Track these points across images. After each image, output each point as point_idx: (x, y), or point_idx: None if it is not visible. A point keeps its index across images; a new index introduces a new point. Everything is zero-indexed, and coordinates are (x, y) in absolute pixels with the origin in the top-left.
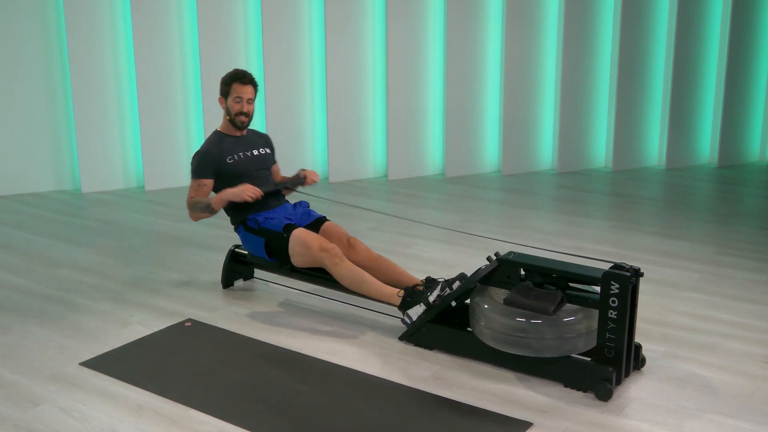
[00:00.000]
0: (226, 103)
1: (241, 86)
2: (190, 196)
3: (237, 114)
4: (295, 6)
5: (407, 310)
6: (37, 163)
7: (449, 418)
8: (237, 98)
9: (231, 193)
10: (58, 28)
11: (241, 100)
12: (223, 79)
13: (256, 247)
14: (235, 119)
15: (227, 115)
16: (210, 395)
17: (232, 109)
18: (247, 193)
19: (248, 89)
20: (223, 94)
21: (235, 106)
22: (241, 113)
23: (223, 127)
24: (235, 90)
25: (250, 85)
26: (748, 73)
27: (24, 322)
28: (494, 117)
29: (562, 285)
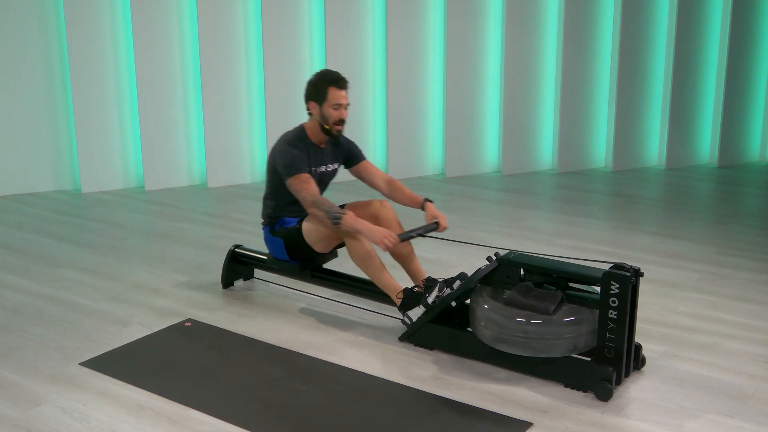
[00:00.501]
0: (321, 110)
1: (338, 91)
2: (307, 192)
3: (336, 122)
4: (295, 6)
5: (407, 311)
6: (37, 163)
7: (449, 418)
8: (336, 105)
9: (368, 229)
10: (58, 28)
11: (339, 107)
12: (313, 82)
13: (277, 249)
14: (333, 128)
15: (324, 123)
16: (210, 395)
17: (330, 117)
18: (387, 240)
19: (345, 94)
20: (316, 99)
21: (334, 114)
22: (341, 121)
23: (311, 131)
24: (333, 96)
25: (346, 89)
26: (748, 73)
27: (24, 322)
28: (494, 117)
29: (562, 285)
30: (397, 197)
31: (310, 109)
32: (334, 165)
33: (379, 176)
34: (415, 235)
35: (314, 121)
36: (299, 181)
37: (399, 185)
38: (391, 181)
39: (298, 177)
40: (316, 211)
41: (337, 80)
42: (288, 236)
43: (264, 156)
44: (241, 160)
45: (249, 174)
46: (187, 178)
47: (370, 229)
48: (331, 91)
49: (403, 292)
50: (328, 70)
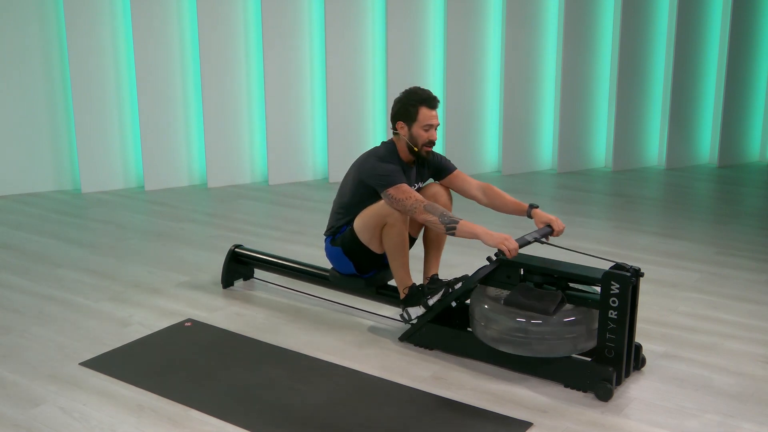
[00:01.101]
0: (410, 131)
1: (429, 111)
2: (414, 199)
3: (426, 144)
4: (295, 6)
5: (408, 307)
6: (37, 163)
7: (449, 418)
8: (426, 126)
9: (487, 235)
10: (58, 28)
11: (430, 128)
12: (403, 101)
13: (340, 261)
14: (422, 150)
15: (412, 145)
16: (210, 395)
17: (420, 139)
18: (506, 245)
19: (436, 114)
20: (405, 119)
21: (424, 135)
22: (430, 143)
23: (401, 149)
24: (424, 117)
25: (436, 109)
26: (748, 73)
27: (24, 322)
28: (494, 117)
29: (562, 285)
30: (498, 205)
31: (397, 129)
32: (418, 184)
33: (473, 185)
34: (532, 240)
35: (402, 141)
36: (401, 191)
37: (498, 192)
38: (487, 188)
39: (399, 187)
40: (429, 216)
41: (429, 99)
42: (344, 242)
43: (264, 156)
44: (241, 160)
45: (249, 174)
46: (187, 178)
47: (489, 234)
48: (422, 112)
49: (409, 288)
50: (419, 88)
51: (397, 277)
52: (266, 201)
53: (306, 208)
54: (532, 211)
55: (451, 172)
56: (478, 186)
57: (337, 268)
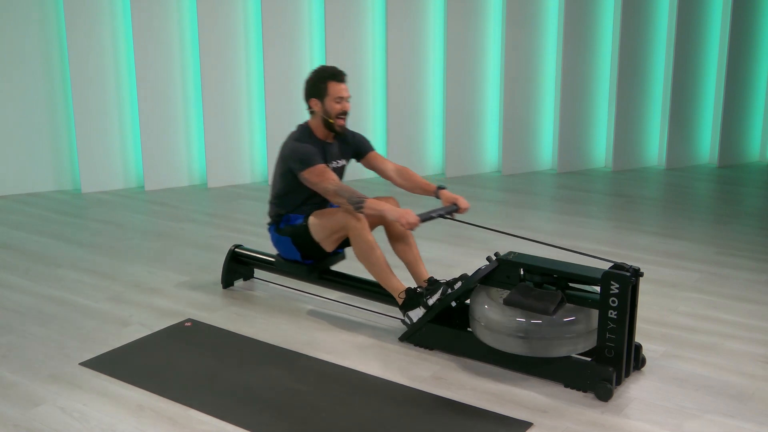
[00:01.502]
0: (323, 105)
1: (338, 84)
2: (327, 181)
3: (339, 115)
4: (295, 6)
5: (408, 311)
6: (37, 163)
7: (449, 418)
8: (338, 98)
9: (391, 211)
10: (58, 28)
11: (341, 100)
12: (312, 79)
13: (287, 249)
14: (335, 122)
15: (327, 117)
16: (210, 395)
17: (333, 111)
18: (406, 219)
19: (345, 87)
20: (317, 95)
21: (336, 107)
22: (344, 113)
23: (315, 128)
24: (334, 89)
25: (345, 82)
26: (748, 73)
27: (24, 322)
28: (494, 117)
29: (562, 285)
30: (409, 186)
31: (311, 107)
32: (343, 161)
33: (389, 166)
34: (436, 215)
35: (317, 117)
36: (316, 173)
37: (410, 174)
38: (401, 170)
39: (314, 169)
40: (339, 199)
41: (336, 74)
42: (295, 233)
43: (264, 156)
44: (241, 160)
45: (249, 174)
46: (187, 178)
47: (391, 209)
48: (331, 85)
49: (405, 293)
50: (325, 66)
51: (385, 285)
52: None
53: None
54: (440, 192)
55: (368, 153)
56: (393, 168)
57: (282, 254)
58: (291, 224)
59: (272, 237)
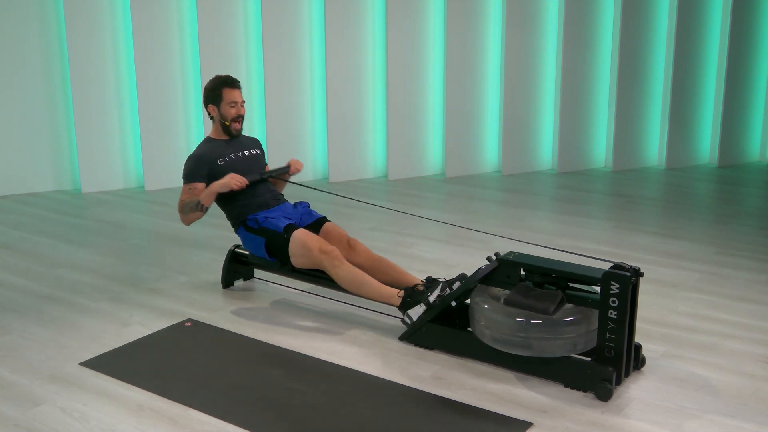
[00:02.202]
0: (219, 111)
1: (231, 90)
2: (181, 200)
3: (234, 119)
4: (295, 6)
5: (407, 310)
6: (37, 163)
7: (449, 418)
8: (232, 103)
9: (218, 184)
10: (58, 28)
11: (236, 105)
12: (208, 87)
13: (257, 247)
14: (231, 125)
15: (224, 122)
16: (210, 395)
17: (228, 115)
18: (233, 182)
19: (238, 93)
20: (213, 101)
21: (231, 111)
22: (239, 117)
23: (213, 133)
24: (227, 95)
25: (238, 88)
26: (748, 73)
27: (24, 322)
28: (494, 117)
29: (562, 285)
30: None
31: (210, 113)
32: (256, 150)
33: None
34: (267, 176)
35: (217, 122)
36: (185, 189)
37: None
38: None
39: (186, 185)
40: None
41: (230, 81)
42: (273, 240)
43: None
44: None
45: None
46: None
47: (219, 182)
48: (225, 92)
49: (404, 291)
50: (220, 74)
51: (381, 297)
52: None
53: None
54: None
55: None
56: None
57: (252, 251)
58: (266, 226)
59: (241, 236)
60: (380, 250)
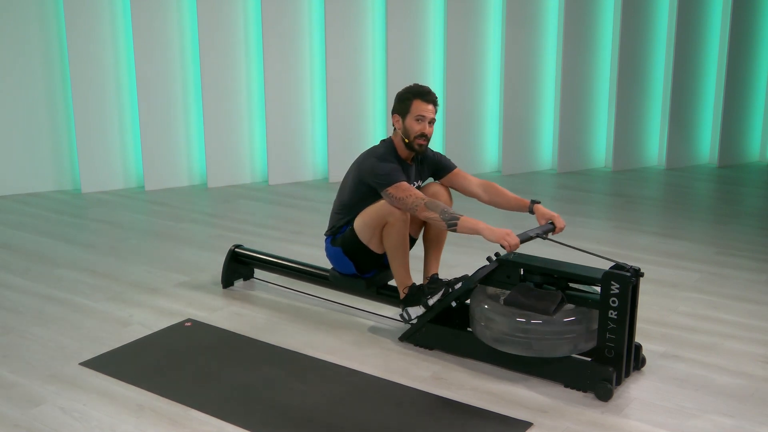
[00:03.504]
0: (404, 123)
1: (423, 104)
2: (415, 196)
3: (417, 136)
4: (295, 6)
5: (408, 307)
6: (37, 163)
7: (449, 418)
8: (419, 117)
9: (489, 230)
10: (58, 28)
11: (423, 120)
12: (400, 94)
13: (340, 261)
14: (413, 142)
15: (404, 137)
16: (210, 395)
17: (412, 131)
18: (508, 243)
19: (431, 108)
20: (400, 112)
21: (416, 127)
22: (422, 135)
23: (398, 145)
24: (417, 108)
25: (432, 103)
26: (748, 73)
27: (24, 322)
28: (494, 117)
29: (562, 285)
30: (499, 202)
31: (394, 123)
32: (418, 182)
33: (474, 182)
34: (534, 236)
35: (399, 136)
36: (401, 189)
37: (499, 189)
38: (488, 185)
39: (398, 186)
40: (430, 213)
41: (425, 93)
42: (344, 242)
43: (264, 156)
44: (241, 160)
45: (249, 174)
46: (187, 178)
47: (490, 229)
48: (415, 104)
49: (409, 288)
50: (418, 84)
51: (397, 277)
52: (266, 201)
53: (306, 208)
54: (534, 206)
55: (451, 170)
56: (479, 183)
57: (338, 268)
58: (341, 233)
59: (327, 249)
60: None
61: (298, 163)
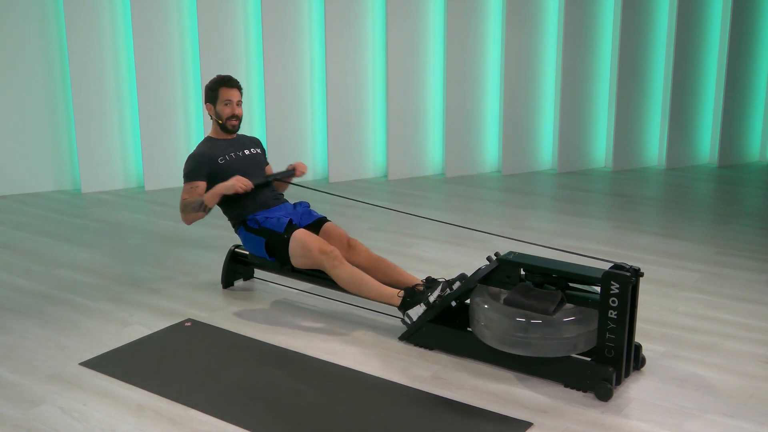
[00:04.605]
0: (215, 109)
1: (228, 90)
2: (183, 199)
3: (228, 118)
4: (295, 6)
5: (407, 310)
6: (37, 163)
7: (449, 418)
8: (226, 102)
9: (223, 186)
10: (58, 28)
11: (230, 103)
12: (207, 85)
13: (257, 247)
14: (226, 123)
15: (218, 120)
16: (210, 395)
17: (223, 114)
18: (239, 184)
19: (235, 92)
20: (210, 100)
21: (225, 110)
22: (233, 116)
23: (213, 132)
24: (223, 94)
25: (236, 88)
26: (748, 73)
27: (24, 322)
28: (494, 117)
29: (562, 285)
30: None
31: (208, 111)
32: (256, 149)
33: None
34: (272, 179)
35: (214, 122)
36: (186, 188)
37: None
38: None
39: (187, 184)
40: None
41: (227, 80)
42: (273, 240)
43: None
44: None
45: None
46: None
47: (224, 184)
48: (221, 91)
49: (404, 291)
50: (220, 74)
51: (383, 298)
52: None
53: None
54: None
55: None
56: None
57: (251, 251)
58: (266, 226)
59: (241, 236)
60: (380, 250)
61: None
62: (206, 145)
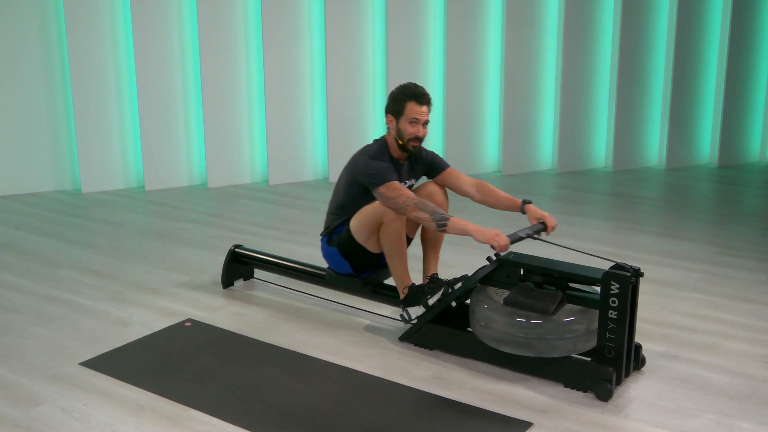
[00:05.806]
0: (397, 124)
1: (417, 106)
2: (405, 196)
3: (411, 139)
4: (295, 6)
5: (408, 307)
6: (37, 163)
7: (449, 418)
8: (412, 120)
9: (478, 231)
10: (58, 28)
11: (416, 123)
12: (393, 94)
13: (336, 261)
14: (407, 144)
15: (398, 140)
16: (210, 395)
17: (405, 132)
18: (497, 240)
19: (425, 110)
20: (393, 113)
21: (409, 129)
22: (416, 138)
23: (391, 145)
24: (410, 110)
25: (426, 105)
26: (748, 73)
27: (24, 322)
28: (494, 117)
29: (562, 285)
30: (491, 201)
31: (387, 123)
32: (411, 181)
33: (467, 182)
34: (524, 236)
35: (392, 136)
36: (392, 189)
37: (491, 188)
38: (480, 184)
39: (389, 185)
40: (420, 213)
41: (420, 95)
42: (341, 243)
43: (264, 156)
44: (241, 160)
45: (249, 174)
46: (187, 178)
47: (480, 230)
48: (409, 106)
49: (409, 288)
50: (412, 84)
51: (396, 277)
52: (266, 201)
53: (306, 208)
54: (525, 207)
55: (443, 170)
56: (471, 183)
57: (334, 267)
58: (337, 233)
59: (323, 249)
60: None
61: (298, 163)
62: (386, 159)
